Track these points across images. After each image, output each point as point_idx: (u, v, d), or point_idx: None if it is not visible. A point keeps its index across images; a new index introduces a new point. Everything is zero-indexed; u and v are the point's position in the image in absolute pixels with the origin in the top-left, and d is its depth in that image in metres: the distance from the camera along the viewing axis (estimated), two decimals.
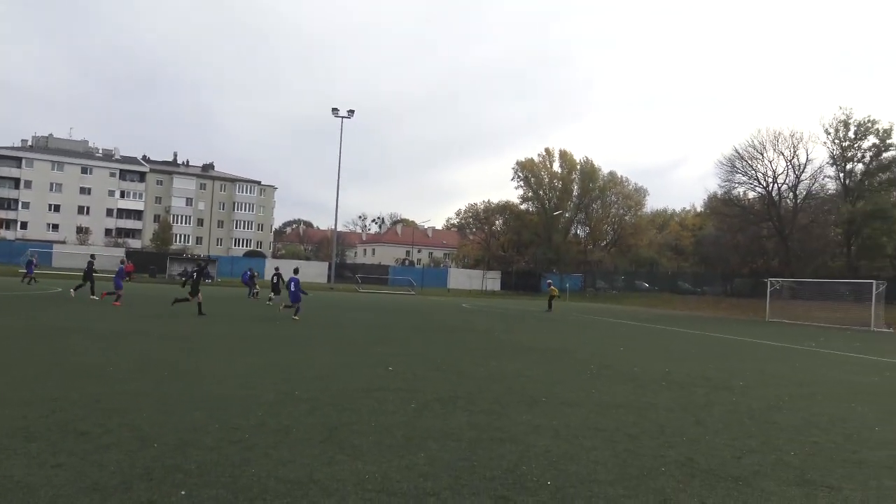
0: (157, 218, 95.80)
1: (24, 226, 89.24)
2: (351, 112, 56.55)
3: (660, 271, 72.14)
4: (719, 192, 58.93)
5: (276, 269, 29.67)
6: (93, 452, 5.21)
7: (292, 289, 21.92)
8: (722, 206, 58.34)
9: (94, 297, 25.43)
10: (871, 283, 34.31)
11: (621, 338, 20.47)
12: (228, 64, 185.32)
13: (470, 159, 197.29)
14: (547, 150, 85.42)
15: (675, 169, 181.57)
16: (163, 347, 12.13)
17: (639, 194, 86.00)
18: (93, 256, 29.75)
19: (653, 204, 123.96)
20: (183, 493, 4.41)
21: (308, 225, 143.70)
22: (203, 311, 20.65)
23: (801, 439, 7.00)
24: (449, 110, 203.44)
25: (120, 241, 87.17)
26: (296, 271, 23.40)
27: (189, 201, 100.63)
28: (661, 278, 67.53)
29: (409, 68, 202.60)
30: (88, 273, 26.80)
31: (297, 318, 20.95)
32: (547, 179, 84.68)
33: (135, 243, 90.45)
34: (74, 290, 26.77)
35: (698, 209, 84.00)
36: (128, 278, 52.09)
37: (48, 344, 11.76)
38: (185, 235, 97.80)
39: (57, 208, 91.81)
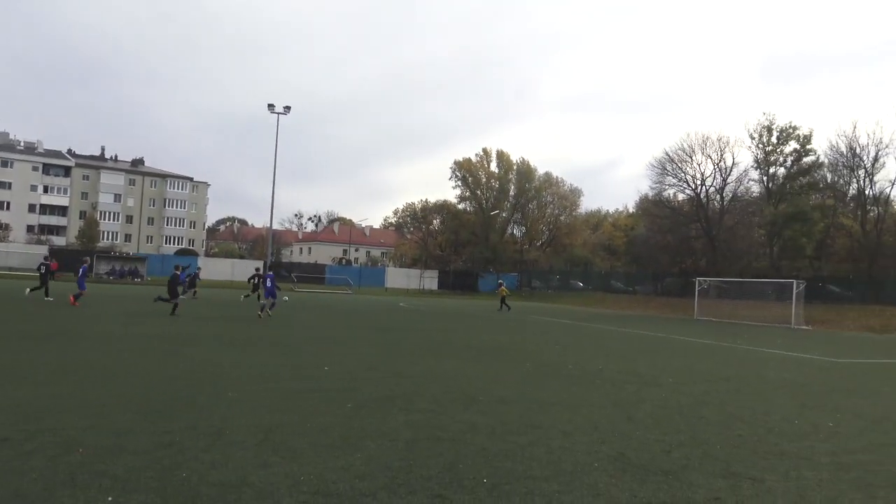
0: (83, 214, 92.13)
1: None
2: (287, 108, 55.71)
3: (593, 271, 73.62)
4: (650, 193, 60.55)
5: (257, 269, 30.15)
6: (13, 459, 4.99)
7: (269, 285, 22.91)
8: (653, 208, 59.95)
9: (49, 298, 25.32)
10: (792, 282, 35.82)
11: (556, 336, 20.78)
12: (159, 56, 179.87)
13: (408, 158, 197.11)
14: (484, 150, 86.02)
15: (608, 170, 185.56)
16: (91, 349, 11.70)
17: (574, 195, 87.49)
18: (46, 258, 29.41)
19: (587, 205, 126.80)
20: (110, 499, 4.27)
21: (242, 223, 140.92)
22: (176, 312, 21.04)
23: (727, 433, 7.26)
24: (387, 109, 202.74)
25: (43, 238, 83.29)
26: (269, 268, 24.41)
27: (117, 197, 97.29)
28: (595, 278, 68.91)
29: (347, 66, 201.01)
30: (45, 275, 26.82)
31: (270, 313, 22.13)
32: (484, 179, 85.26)
33: (59, 241, 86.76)
34: (31, 290, 26.83)
35: (630, 210, 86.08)
36: (52, 277, 50.18)
37: None
38: (113, 233, 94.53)
39: None
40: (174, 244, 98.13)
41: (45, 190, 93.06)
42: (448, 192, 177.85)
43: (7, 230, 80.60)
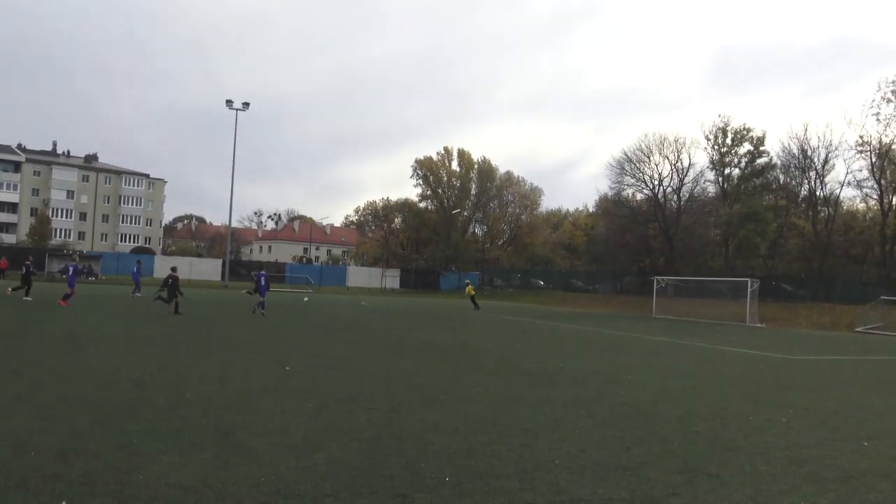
0: (34, 211, 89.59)
1: None
2: (246, 105, 55.01)
3: (554, 270, 74.30)
4: (609, 193, 61.33)
5: (173, 268, 29.11)
6: None
7: (262, 283, 23.69)
8: (612, 207, 60.75)
9: (28, 298, 25.34)
10: (747, 281, 36.64)
11: (518, 334, 20.92)
12: (112, 49, 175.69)
13: (369, 156, 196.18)
14: (446, 148, 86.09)
15: (568, 170, 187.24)
16: (44, 349, 11.39)
17: (534, 194, 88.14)
18: (29, 259, 29.37)
19: (548, 204, 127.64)
20: (64, 502, 4.17)
21: (201, 220, 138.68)
22: (179, 310, 21.51)
23: (684, 429, 7.40)
24: (348, 106, 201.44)
25: None
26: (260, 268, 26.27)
27: (70, 194, 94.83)
28: (556, 276, 69.54)
29: (306, 62, 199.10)
30: (27, 275, 26.93)
31: (264, 312, 23.00)
32: (446, 178, 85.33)
33: (9, 238, 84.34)
34: (12, 290, 26.72)
35: (590, 210, 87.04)
36: (2, 276, 48.70)
37: None
38: (65, 230, 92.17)
39: None
40: (130, 242, 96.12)
41: None
42: (409, 190, 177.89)
43: None
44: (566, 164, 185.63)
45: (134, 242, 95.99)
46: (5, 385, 7.90)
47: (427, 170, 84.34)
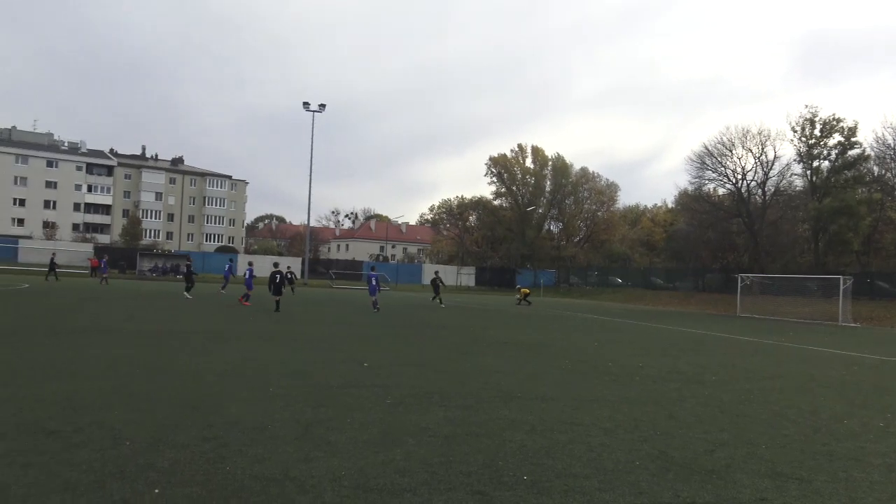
0: (125, 213, 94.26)
1: None
2: (322, 106, 56.19)
3: (632, 267, 72.81)
4: (690, 188, 59.51)
5: (275, 264, 31.06)
6: (63, 451, 5.13)
7: (374, 283, 26.54)
8: (692, 203, 58.96)
9: (189, 295, 27.43)
10: (839, 278, 34.94)
11: (595, 333, 20.62)
12: (197, 55, 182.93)
13: (443, 154, 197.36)
14: (519, 145, 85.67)
15: (646, 165, 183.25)
16: (134, 344, 11.96)
17: (611, 190, 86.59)
18: (189, 259, 31.57)
19: (625, 200, 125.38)
20: (157, 491, 4.37)
21: (280, 220, 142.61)
22: (279, 308, 22.48)
23: (772, 432, 7.12)
24: (422, 105, 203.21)
25: (88, 236, 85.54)
26: (372, 267, 29.68)
27: (159, 196, 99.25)
28: (634, 274, 68.13)
29: (381, 63, 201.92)
30: (189, 273, 29.35)
31: (377, 309, 25.28)
32: (520, 175, 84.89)
33: (103, 238, 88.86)
34: (188, 291, 28.79)
35: (669, 205, 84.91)
36: (94, 275, 51.42)
37: (14, 342, 11.54)
38: (155, 231, 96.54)
39: (22, 202, 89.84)
40: (214, 242, 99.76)
41: (89, 189, 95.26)
42: (484, 188, 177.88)
43: (54, 229, 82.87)
44: (643, 158, 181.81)
45: (218, 242, 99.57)
46: (103, 378, 8.34)
47: (501, 167, 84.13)
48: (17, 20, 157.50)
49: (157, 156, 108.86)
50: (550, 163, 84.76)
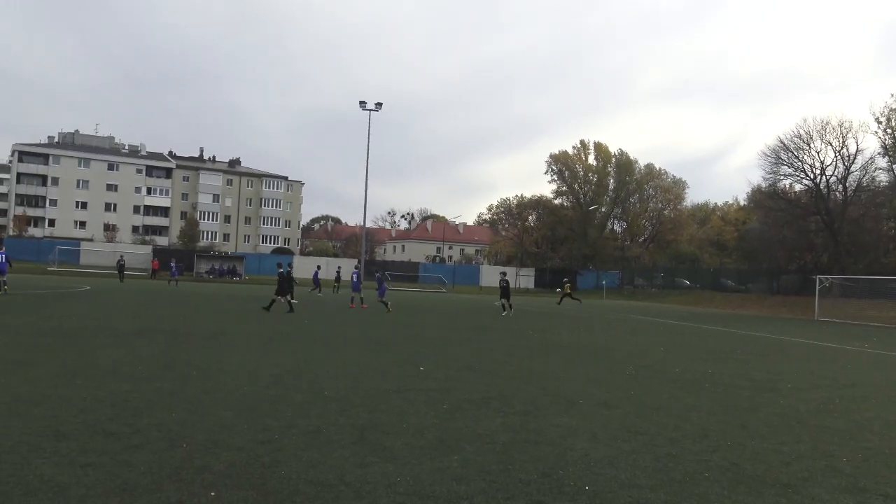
0: (183, 215, 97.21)
1: (51, 223, 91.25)
2: (378, 105, 56.68)
3: (701, 268, 71.16)
4: (763, 184, 57.74)
5: (319, 266, 32.19)
6: (122, 452, 5.30)
7: (382, 286, 27.62)
8: (766, 200, 57.21)
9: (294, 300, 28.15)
10: None
11: (661, 337, 20.29)
12: (252, 57, 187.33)
13: (502, 153, 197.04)
14: (581, 142, 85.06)
15: (716, 161, 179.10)
16: (189, 346, 12.30)
17: (678, 187, 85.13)
18: (290, 266, 32.55)
19: (693, 197, 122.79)
20: (213, 493, 4.47)
21: (336, 221, 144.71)
22: (293, 308, 22.67)
23: (853, 444, 6.85)
24: (479, 102, 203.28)
25: (147, 238, 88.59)
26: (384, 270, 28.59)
27: (216, 197, 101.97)
28: (703, 275, 66.60)
29: (437, 59, 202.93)
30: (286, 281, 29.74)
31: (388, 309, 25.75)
32: (582, 173, 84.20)
33: (162, 240, 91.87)
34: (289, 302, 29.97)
35: (741, 202, 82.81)
36: (155, 277, 53.16)
37: (74, 343, 12.01)
38: (212, 232, 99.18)
39: (84, 205, 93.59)
40: (270, 243, 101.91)
41: (149, 191, 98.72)
42: (544, 186, 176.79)
43: (115, 231, 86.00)
44: (713, 154, 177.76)
45: (274, 243, 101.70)
46: (159, 380, 8.60)
47: (562, 165, 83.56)
48: (83, 29, 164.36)
49: (214, 158, 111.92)
50: (614, 159, 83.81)
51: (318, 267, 44.26)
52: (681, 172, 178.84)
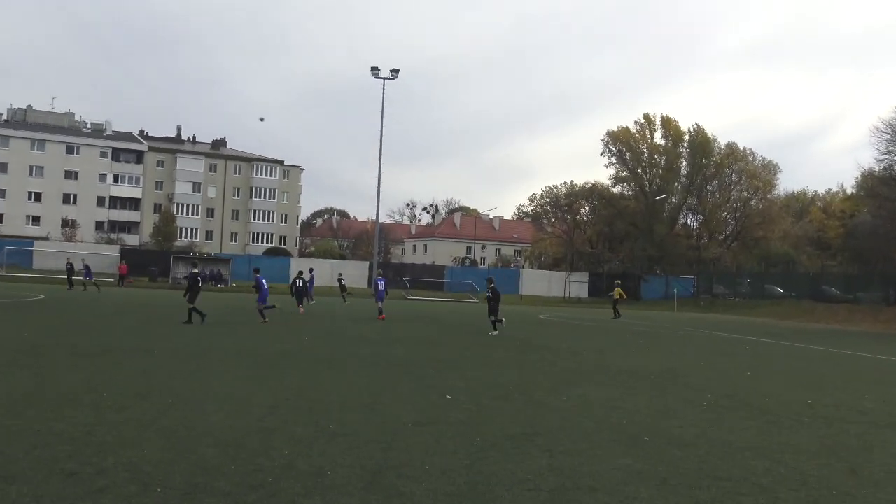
0: (157, 208, 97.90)
1: None
2: (395, 72, 56.74)
3: (798, 272, 70.35)
4: (877, 167, 56.95)
5: (300, 273, 33.02)
6: (83, 498, 5.35)
7: (381, 288, 29.12)
8: (881, 187, 56.36)
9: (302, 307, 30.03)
10: None
11: (747, 359, 20.13)
12: (240, 18, 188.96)
13: (546, 130, 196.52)
14: (646, 116, 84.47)
15: (816, 139, 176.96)
16: (167, 368, 12.43)
17: (768, 172, 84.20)
18: (311, 271, 34.39)
19: (787, 185, 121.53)
20: None
21: (343, 215, 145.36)
22: (192, 320, 22.08)
23: None
24: (517, 70, 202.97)
25: (114, 236, 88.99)
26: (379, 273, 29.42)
27: (196, 186, 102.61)
28: (800, 281, 65.83)
29: (467, 15, 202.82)
30: (302, 288, 31.57)
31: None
32: (646, 154, 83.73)
33: (131, 239, 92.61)
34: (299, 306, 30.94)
35: (848, 190, 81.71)
36: (122, 283, 53.87)
37: (26, 364, 12.18)
38: (191, 229, 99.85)
39: (38, 197, 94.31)
40: (263, 242, 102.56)
41: (115, 179, 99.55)
42: (600, 171, 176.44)
43: (75, 228, 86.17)
44: (811, 130, 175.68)
45: (267, 242, 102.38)
46: (129, 410, 8.70)
47: (622, 144, 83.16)
48: None
49: (194, 138, 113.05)
50: (686, 137, 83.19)
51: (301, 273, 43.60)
52: (771, 153, 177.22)
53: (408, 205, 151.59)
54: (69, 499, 5.32)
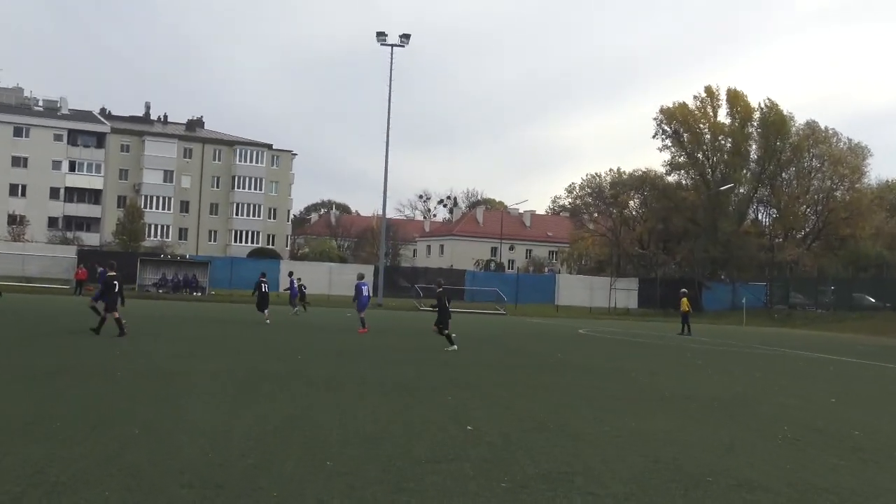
0: (122, 201, 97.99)
1: None
2: (405, 38, 56.64)
3: (894, 278, 69.93)
4: None
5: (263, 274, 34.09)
6: None
7: (364, 294, 29.64)
8: None
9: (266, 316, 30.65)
10: None
11: (831, 383, 20.07)
12: None
13: (587, 106, 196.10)
14: (708, 90, 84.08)
15: None
16: (132, 392, 12.45)
17: (856, 157, 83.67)
18: (290, 275, 35.45)
19: (879, 172, 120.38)
20: None
21: (343, 209, 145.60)
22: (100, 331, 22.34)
23: None
24: (551, 34, 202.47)
25: (70, 235, 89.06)
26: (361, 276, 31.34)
27: (168, 175, 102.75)
28: None
29: None
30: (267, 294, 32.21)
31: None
32: (709, 136, 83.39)
33: (91, 238, 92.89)
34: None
35: None
36: (81, 292, 54.15)
37: None
38: (163, 227, 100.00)
39: None
40: (247, 242, 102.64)
41: (72, 167, 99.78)
42: (652, 156, 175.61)
43: (23, 225, 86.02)
44: None
45: (252, 242, 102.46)
46: (88, 442, 8.70)
47: (679, 124, 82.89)
48: None
49: (166, 118, 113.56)
50: (757, 115, 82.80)
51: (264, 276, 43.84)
52: (860, 134, 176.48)
53: (420, 197, 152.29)
54: None
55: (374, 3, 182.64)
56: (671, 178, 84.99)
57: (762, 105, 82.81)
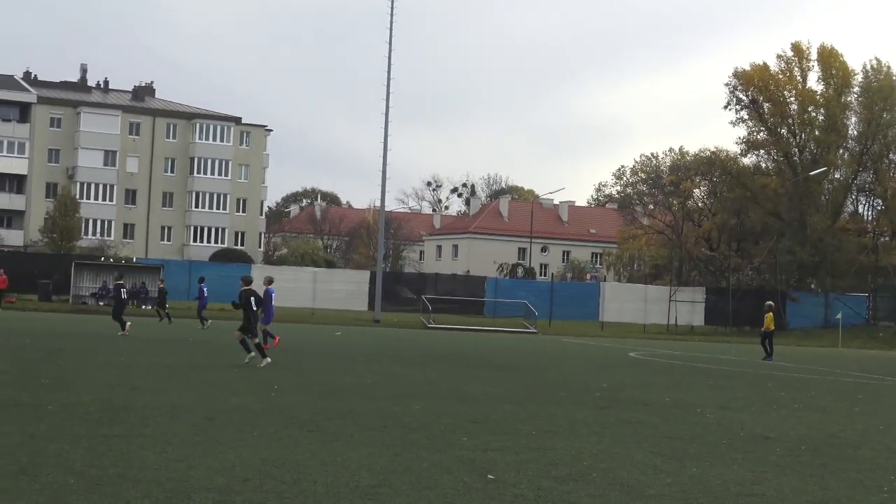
0: (52, 189, 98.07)
1: None
2: None
3: None
4: None
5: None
6: None
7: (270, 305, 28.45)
8: None
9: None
10: None
11: None
12: None
13: (638, 71, 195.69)
14: (795, 47, 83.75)
15: None
16: (66, 432, 12.49)
17: None
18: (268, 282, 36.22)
19: None
20: None
21: (332, 200, 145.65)
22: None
23: None
24: None
25: None
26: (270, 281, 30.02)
27: (110, 157, 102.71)
28: None
29: None
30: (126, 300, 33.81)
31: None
32: (796, 106, 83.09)
33: (14, 236, 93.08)
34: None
35: None
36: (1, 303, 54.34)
37: None
38: (103, 222, 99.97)
39: None
40: (209, 241, 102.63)
41: None
42: (722, 133, 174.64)
43: None
44: None
45: (217, 241, 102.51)
46: (10, 494, 8.75)
47: (758, 91, 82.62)
48: None
49: (107, 83, 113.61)
50: (859, 78, 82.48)
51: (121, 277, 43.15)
52: None
53: (429, 185, 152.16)
54: None
55: None
56: (747, 161, 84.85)
57: (865, 66, 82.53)
